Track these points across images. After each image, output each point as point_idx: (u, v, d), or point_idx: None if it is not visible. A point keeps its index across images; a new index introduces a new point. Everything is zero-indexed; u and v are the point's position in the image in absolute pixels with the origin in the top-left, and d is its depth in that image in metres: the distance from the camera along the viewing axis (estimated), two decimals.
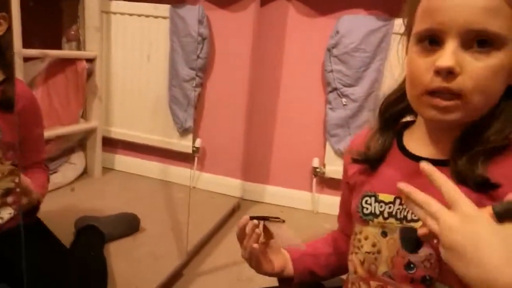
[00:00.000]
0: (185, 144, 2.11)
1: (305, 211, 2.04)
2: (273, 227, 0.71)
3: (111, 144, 2.23)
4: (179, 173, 2.16)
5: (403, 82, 0.66)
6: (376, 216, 0.65)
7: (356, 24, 1.79)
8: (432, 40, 0.55)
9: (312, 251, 0.81)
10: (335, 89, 1.86)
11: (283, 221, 0.73)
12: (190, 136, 2.09)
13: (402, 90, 0.66)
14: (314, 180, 2.01)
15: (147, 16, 2.04)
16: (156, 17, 2.03)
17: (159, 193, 2.05)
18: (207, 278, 1.41)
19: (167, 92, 2.08)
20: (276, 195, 2.10)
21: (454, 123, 0.56)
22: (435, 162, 0.59)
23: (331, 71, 1.85)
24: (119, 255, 1.41)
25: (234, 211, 1.99)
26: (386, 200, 0.64)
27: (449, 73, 0.52)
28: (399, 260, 0.62)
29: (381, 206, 0.65)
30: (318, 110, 1.95)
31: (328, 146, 1.95)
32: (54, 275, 1.04)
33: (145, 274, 1.33)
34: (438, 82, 0.53)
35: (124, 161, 2.27)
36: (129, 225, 1.59)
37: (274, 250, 0.75)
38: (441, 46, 0.54)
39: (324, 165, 1.98)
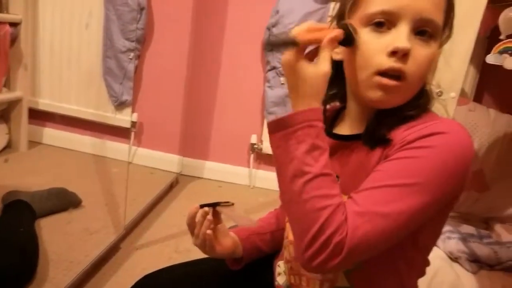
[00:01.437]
0: (121, 118, 2.04)
1: (243, 186, 2.10)
2: (225, 210, 0.73)
3: (38, 116, 2.10)
4: (114, 148, 2.10)
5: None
6: None
7: (295, 5, 1.83)
8: (379, 23, 0.58)
9: (258, 229, 0.85)
10: (274, 67, 1.91)
11: (233, 204, 0.75)
12: (126, 110, 2.03)
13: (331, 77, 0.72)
14: (252, 156, 2.07)
15: None
16: None
17: (93, 168, 1.99)
18: (145, 251, 1.42)
19: (101, 63, 1.99)
20: (214, 170, 2.13)
21: (393, 106, 0.60)
22: (351, 137, 0.66)
23: (271, 49, 1.89)
24: (52, 231, 1.36)
25: (172, 186, 1.99)
26: None
27: (404, 55, 0.57)
28: None
29: None
30: (257, 88, 1.99)
31: (265, 123, 2.01)
32: None
33: (80, 249, 1.30)
34: (392, 62, 0.57)
35: (53, 135, 2.15)
36: (63, 201, 1.53)
37: (222, 234, 0.77)
38: (390, 29, 0.58)
39: (261, 142, 2.04)
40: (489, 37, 1.58)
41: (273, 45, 0.56)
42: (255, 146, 2.03)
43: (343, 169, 0.65)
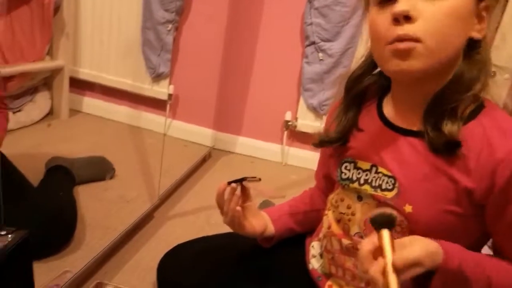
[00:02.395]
0: (157, 90, 2.06)
1: (275, 163, 2.09)
2: (252, 185, 0.73)
3: (79, 85, 2.15)
4: (150, 119, 2.13)
5: (368, 57, 0.67)
6: (353, 181, 0.68)
7: None
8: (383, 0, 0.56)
9: (290, 209, 0.85)
10: (313, 43, 1.85)
11: (260, 179, 0.74)
12: (163, 82, 2.04)
13: (367, 64, 0.68)
14: (285, 133, 2.04)
15: None
16: None
17: (130, 138, 2.03)
18: (177, 221, 1.45)
19: (140, 34, 2.00)
20: (247, 146, 2.12)
21: (418, 74, 0.57)
22: (409, 132, 0.63)
23: (311, 24, 1.83)
24: (90, 198, 1.41)
25: (205, 160, 2.00)
26: (364, 167, 0.67)
27: (406, 19, 0.54)
28: (369, 224, 0.66)
29: (358, 173, 0.68)
30: (295, 64, 1.95)
31: (301, 100, 1.97)
32: (18, 212, 1.02)
33: (116, 216, 1.34)
34: (397, 30, 0.55)
35: (92, 104, 2.20)
36: (101, 169, 1.57)
37: (253, 213, 0.77)
38: (397, 0, 0.55)
39: (296, 119, 2.00)
40: None
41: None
42: (289, 123, 2.01)
43: (402, 170, 0.62)
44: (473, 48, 0.59)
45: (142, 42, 2.00)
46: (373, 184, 0.65)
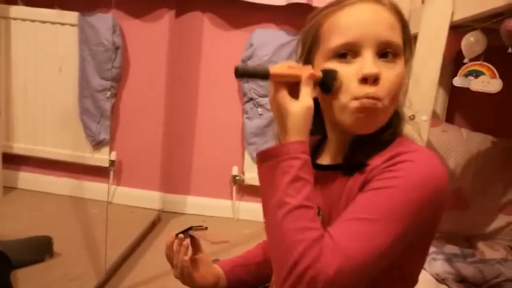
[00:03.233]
0: (99, 158, 2.01)
1: (227, 219, 2.07)
2: (198, 233, 0.74)
3: (13, 160, 2.05)
4: (93, 188, 2.06)
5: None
6: None
7: (268, 38, 1.88)
8: (342, 54, 0.61)
9: (243, 261, 0.85)
10: (251, 99, 1.93)
11: (206, 228, 0.76)
12: (104, 149, 2.00)
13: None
14: (234, 188, 2.06)
15: (53, 23, 1.93)
16: (63, 24, 1.92)
17: (72, 211, 1.93)
18: None
19: (78, 103, 1.97)
20: (197, 205, 2.10)
21: (373, 128, 0.62)
22: (331, 167, 0.67)
23: (247, 82, 1.92)
24: (30, 282, 1.31)
25: (154, 224, 1.95)
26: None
27: (375, 80, 0.59)
28: None
29: None
30: (236, 120, 2.01)
31: (246, 154, 2.01)
32: None
33: None
34: (366, 89, 0.59)
35: (29, 179, 2.09)
36: (40, 249, 1.47)
37: (204, 264, 0.77)
38: (355, 58, 0.60)
39: (243, 173, 2.03)
40: (455, 59, 1.65)
41: (245, 72, 0.59)
42: (237, 177, 2.03)
43: (325, 199, 0.65)
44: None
45: (80, 111, 1.98)
46: None
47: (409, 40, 0.65)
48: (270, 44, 1.87)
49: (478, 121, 1.88)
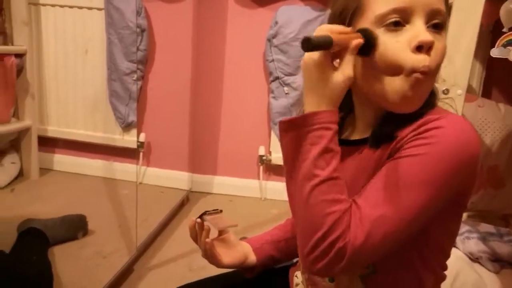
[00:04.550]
0: (128, 140, 2.05)
1: (254, 199, 2.08)
2: (209, 218, 0.74)
3: (47, 143, 2.12)
4: (123, 169, 2.10)
5: None
6: None
7: (293, 15, 1.84)
8: (395, 23, 0.55)
9: (272, 238, 0.85)
10: (277, 78, 1.90)
11: (221, 211, 0.76)
12: (134, 131, 2.04)
13: None
14: (261, 167, 2.05)
15: (80, 7, 1.95)
16: (90, 8, 1.95)
17: (104, 191, 1.99)
18: (158, 271, 1.41)
19: (107, 86, 2.01)
20: (224, 185, 2.12)
21: (418, 104, 0.58)
22: (359, 141, 0.64)
23: (272, 60, 1.89)
24: (65, 258, 1.36)
25: (183, 204, 1.98)
26: None
27: (429, 48, 0.54)
28: None
29: None
30: (262, 100, 1.99)
31: (273, 134, 2.00)
32: None
33: (93, 273, 1.30)
34: (421, 58, 0.54)
35: (63, 161, 2.17)
36: (75, 227, 1.53)
37: (230, 244, 0.77)
38: (405, 26, 0.55)
39: (270, 153, 2.02)
40: (492, 30, 1.56)
41: (312, 44, 0.52)
42: (263, 157, 2.02)
43: (349, 172, 0.63)
44: None
45: (109, 94, 2.01)
46: None
47: (449, 12, 0.62)
48: (296, 21, 1.83)
49: None
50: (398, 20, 0.55)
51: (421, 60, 0.54)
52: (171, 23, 1.95)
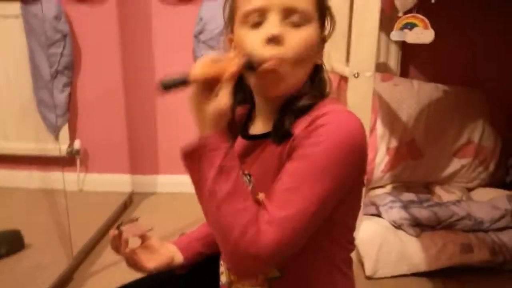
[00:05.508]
0: (63, 148, 2.01)
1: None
2: (125, 228, 0.74)
3: None
4: (61, 178, 2.05)
5: None
6: None
7: (217, 10, 1.86)
8: (256, 24, 0.63)
9: (198, 235, 0.87)
10: None
11: (137, 219, 0.77)
12: (66, 139, 2.00)
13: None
14: None
15: None
16: (6, 16, 1.87)
17: (41, 203, 1.93)
18: (99, 276, 1.41)
19: (33, 94, 1.95)
20: (168, 183, 2.13)
21: (276, 93, 0.66)
22: (264, 135, 0.69)
23: (201, 56, 1.91)
24: (2, 273, 1.33)
25: (126, 207, 1.97)
26: None
27: (278, 41, 0.61)
28: None
29: None
30: None
31: None
32: None
33: (31, 286, 1.28)
34: (270, 49, 0.61)
35: None
36: (10, 243, 1.49)
37: (154, 249, 0.78)
38: (263, 24, 0.63)
39: None
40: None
41: (166, 86, 0.59)
42: None
43: (257, 166, 0.68)
44: (317, 72, 0.68)
45: (37, 103, 1.95)
46: None
47: (324, 9, 0.67)
48: (220, 16, 1.84)
49: (431, 72, 1.92)
50: (259, 22, 0.63)
51: (267, 50, 0.61)
52: (94, 26, 1.91)
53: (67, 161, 2.03)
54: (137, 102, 2.04)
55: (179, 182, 2.11)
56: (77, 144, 2.02)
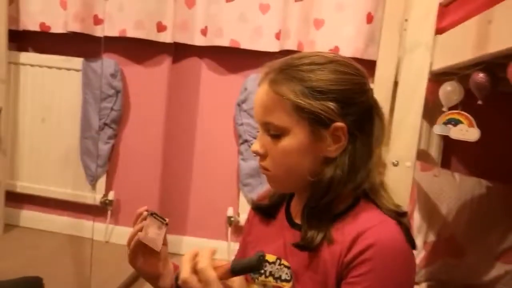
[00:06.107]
0: (97, 197, 2.05)
1: (222, 260, 2.05)
2: (150, 222, 0.73)
3: (16, 199, 2.11)
4: (91, 227, 2.08)
5: None
6: (260, 274, 0.72)
7: None
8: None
9: None
10: (246, 141, 1.96)
11: (166, 224, 0.76)
12: (102, 189, 2.05)
13: None
14: (229, 229, 2.05)
15: (59, 68, 2.03)
16: (68, 69, 2.03)
17: (68, 250, 1.95)
18: None
19: (79, 143, 2.04)
20: (193, 245, 2.08)
21: (278, 191, 0.76)
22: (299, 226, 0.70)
23: (242, 124, 1.96)
24: None
25: None
26: (270, 260, 0.72)
27: (260, 155, 0.68)
28: None
29: (265, 266, 0.72)
30: (231, 161, 2.03)
31: (241, 195, 2.02)
32: None
33: None
34: (260, 163, 0.70)
35: (30, 217, 2.14)
36: None
37: (160, 257, 0.76)
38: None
39: (238, 214, 2.03)
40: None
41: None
42: (232, 218, 2.03)
43: (295, 262, 0.69)
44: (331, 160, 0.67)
45: (81, 151, 2.04)
46: (275, 275, 0.70)
47: (312, 109, 0.65)
48: None
49: (474, 165, 1.85)
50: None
51: (259, 161, 0.70)
52: (146, 85, 2.03)
53: (99, 211, 2.06)
54: (174, 163, 2.09)
55: (204, 246, 2.08)
56: (111, 195, 2.06)
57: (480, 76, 0.92)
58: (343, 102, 0.65)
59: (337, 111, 0.65)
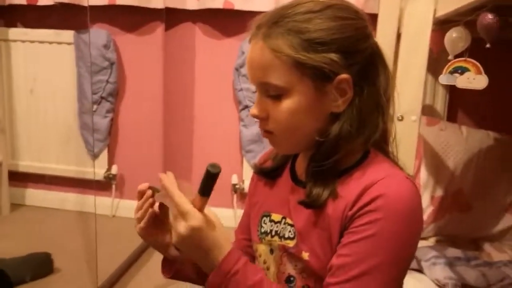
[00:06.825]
0: (99, 172, 2.04)
1: (228, 228, 2.06)
2: (159, 195, 0.74)
3: (19, 178, 2.10)
4: (96, 202, 2.08)
5: None
6: (267, 234, 0.71)
7: None
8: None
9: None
10: (246, 106, 1.92)
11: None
12: (104, 164, 2.03)
13: None
14: (235, 196, 2.05)
15: (50, 43, 1.97)
16: (60, 43, 1.97)
17: (75, 226, 1.96)
18: None
19: (77, 119, 2.01)
20: None
21: (284, 153, 0.73)
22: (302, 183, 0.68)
23: (241, 89, 1.91)
24: None
25: None
26: (276, 220, 0.71)
27: (260, 118, 0.64)
28: (280, 275, 0.69)
29: (271, 225, 0.71)
30: (233, 128, 2.00)
31: (245, 162, 2.00)
32: None
33: None
34: (260, 126, 0.66)
35: (35, 195, 2.14)
36: (39, 267, 1.50)
37: (169, 230, 0.75)
38: None
39: (243, 181, 2.02)
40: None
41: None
42: (236, 186, 2.02)
43: (300, 218, 0.66)
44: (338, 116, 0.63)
45: (80, 126, 2.01)
46: (280, 234, 0.69)
47: (313, 64, 0.60)
48: None
49: (481, 117, 1.81)
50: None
51: (260, 125, 0.66)
52: (140, 56, 1.98)
53: (103, 186, 2.06)
54: (175, 133, 2.06)
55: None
56: (114, 169, 2.05)
57: (489, 16, 0.87)
58: (346, 52, 0.61)
59: (340, 62, 0.60)
